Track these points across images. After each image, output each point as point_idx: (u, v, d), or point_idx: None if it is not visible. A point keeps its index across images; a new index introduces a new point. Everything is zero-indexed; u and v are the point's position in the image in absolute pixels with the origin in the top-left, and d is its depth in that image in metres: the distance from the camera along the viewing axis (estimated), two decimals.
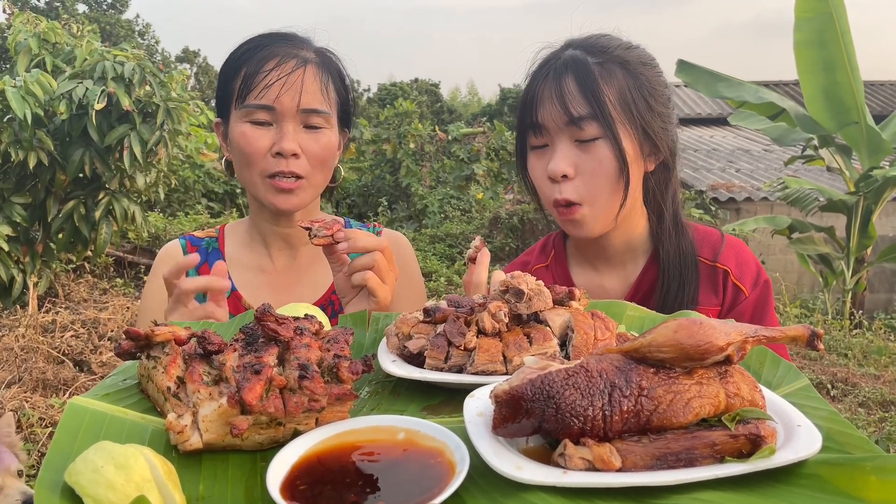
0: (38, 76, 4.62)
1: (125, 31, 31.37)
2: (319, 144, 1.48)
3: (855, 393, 5.48)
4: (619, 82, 1.37)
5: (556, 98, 1.36)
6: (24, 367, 4.80)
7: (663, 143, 1.42)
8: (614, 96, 1.36)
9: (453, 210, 11.15)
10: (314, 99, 1.46)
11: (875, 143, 7.85)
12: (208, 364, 0.86)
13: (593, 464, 0.70)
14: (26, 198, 5.07)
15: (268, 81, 1.42)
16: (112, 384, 0.94)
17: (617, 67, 1.38)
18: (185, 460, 0.79)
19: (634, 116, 1.37)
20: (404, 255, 1.68)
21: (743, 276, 1.45)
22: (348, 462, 0.77)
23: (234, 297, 1.59)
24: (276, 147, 1.44)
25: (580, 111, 1.35)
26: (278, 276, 1.62)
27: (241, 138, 1.45)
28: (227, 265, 1.61)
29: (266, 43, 1.48)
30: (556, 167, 1.37)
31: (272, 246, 1.62)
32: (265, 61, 1.44)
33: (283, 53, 1.45)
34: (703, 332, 0.75)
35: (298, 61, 1.46)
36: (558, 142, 1.39)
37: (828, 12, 7.42)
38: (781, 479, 0.70)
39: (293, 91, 1.43)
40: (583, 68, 1.36)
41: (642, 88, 1.39)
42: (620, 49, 1.41)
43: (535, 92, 1.40)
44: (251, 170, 1.47)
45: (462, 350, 0.95)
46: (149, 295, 1.62)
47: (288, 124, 1.44)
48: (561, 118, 1.36)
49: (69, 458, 0.72)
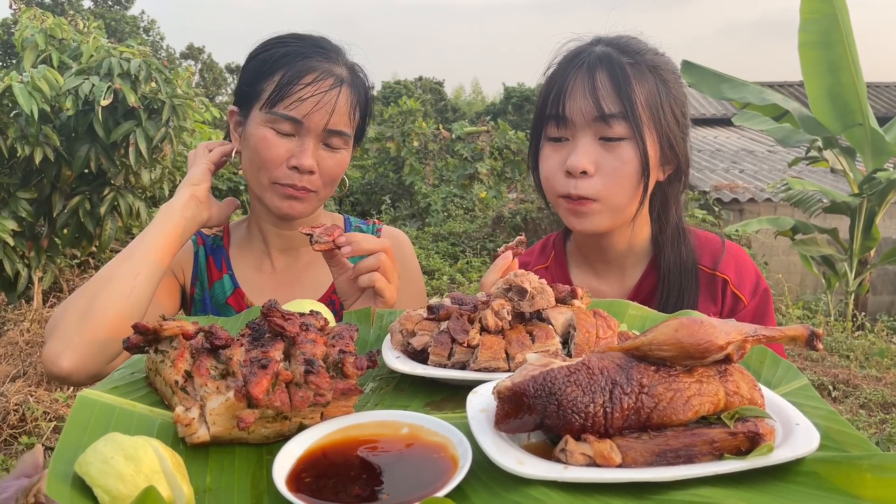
0: (45, 72, 4.64)
1: (130, 28, 31.42)
2: (335, 162, 1.48)
3: (856, 394, 5.48)
4: (649, 86, 1.36)
5: (588, 92, 1.34)
6: (29, 361, 4.82)
7: (682, 152, 1.42)
8: (644, 99, 1.35)
9: (456, 209, 11.16)
10: (341, 121, 1.46)
11: (879, 145, 7.84)
12: (215, 358, 0.87)
13: (594, 459, 0.71)
14: (32, 193, 5.08)
15: (302, 95, 1.41)
16: (120, 377, 0.95)
17: (648, 70, 1.37)
18: (193, 452, 0.80)
19: (661, 123, 1.37)
20: (404, 253, 1.69)
21: (742, 284, 1.45)
22: (353, 456, 0.79)
23: (238, 295, 1.60)
24: (293, 161, 1.43)
25: (612, 108, 1.33)
26: (278, 276, 1.63)
27: (261, 142, 1.44)
28: (231, 262, 1.63)
29: (304, 52, 1.46)
30: (577, 162, 1.35)
31: (272, 246, 1.63)
32: (303, 74, 1.43)
33: (322, 69, 1.44)
34: (703, 331, 0.76)
35: (335, 80, 1.44)
36: (581, 136, 1.37)
37: (832, 14, 7.40)
38: (779, 476, 0.71)
39: (324, 111, 1.42)
40: (617, 66, 1.34)
41: (669, 95, 1.39)
42: (650, 54, 1.40)
43: (565, 82, 1.37)
44: (261, 173, 1.47)
45: (465, 347, 0.96)
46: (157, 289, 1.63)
47: (310, 140, 1.44)
48: (591, 113, 1.34)
49: (79, 449, 0.73)
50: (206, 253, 1.65)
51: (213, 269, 1.63)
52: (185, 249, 1.62)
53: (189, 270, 1.63)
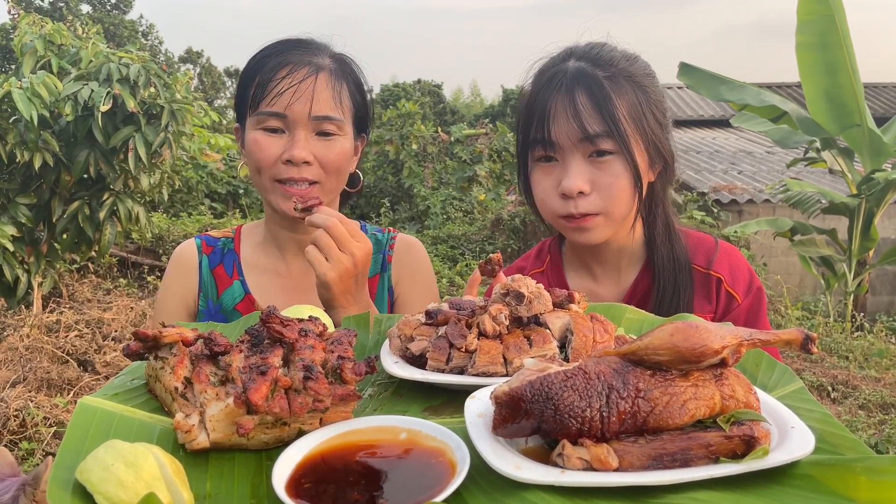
0: (44, 78, 4.65)
1: (129, 32, 31.44)
2: (333, 151, 1.48)
3: (855, 395, 5.48)
4: (629, 97, 1.37)
5: (570, 115, 1.34)
6: (29, 366, 4.82)
7: (668, 152, 1.44)
8: (626, 111, 1.36)
9: (455, 211, 11.17)
10: (325, 106, 1.46)
11: (877, 146, 7.86)
12: (215, 365, 0.88)
13: (591, 464, 0.72)
14: (31, 198, 5.09)
15: (279, 89, 1.43)
16: (120, 384, 0.96)
17: (625, 81, 1.38)
18: (193, 459, 0.81)
19: (646, 130, 1.38)
20: (416, 260, 1.69)
21: (736, 283, 1.47)
22: (352, 461, 0.79)
23: (248, 301, 1.59)
24: (286, 155, 1.44)
25: (596, 128, 1.34)
26: (292, 281, 1.62)
27: (253, 145, 1.46)
28: (242, 267, 1.62)
29: (281, 50, 1.48)
30: (572, 185, 1.36)
31: (287, 250, 1.62)
32: (278, 69, 1.45)
33: (297, 60, 1.46)
34: (698, 336, 0.77)
35: (311, 68, 1.46)
36: (570, 158, 1.37)
37: (830, 15, 7.42)
38: (774, 479, 0.71)
39: (304, 98, 1.43)
40: (595, 83, 1.35)
41: (649, 102, 1.40)
42: (624, 61, 1.41)
43: (546, 107, 1.37)
44: (262, 175, 1.48)
45: (463, 352, 0.97)
46: (164, 295, 1.63)
47: (300, 132, 1.45)
48: (576, 135, 1.35)
49: (80, 456, 0.74)
50: (213, 262, 1.63)
51: (222, 276, 1.62)
52: (188, 265, 1.62)
53: (194, 284, 1.62)
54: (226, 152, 10.74)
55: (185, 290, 1.61)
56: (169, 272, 1.64)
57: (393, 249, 1.67)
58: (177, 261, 1.64)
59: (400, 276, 1.66)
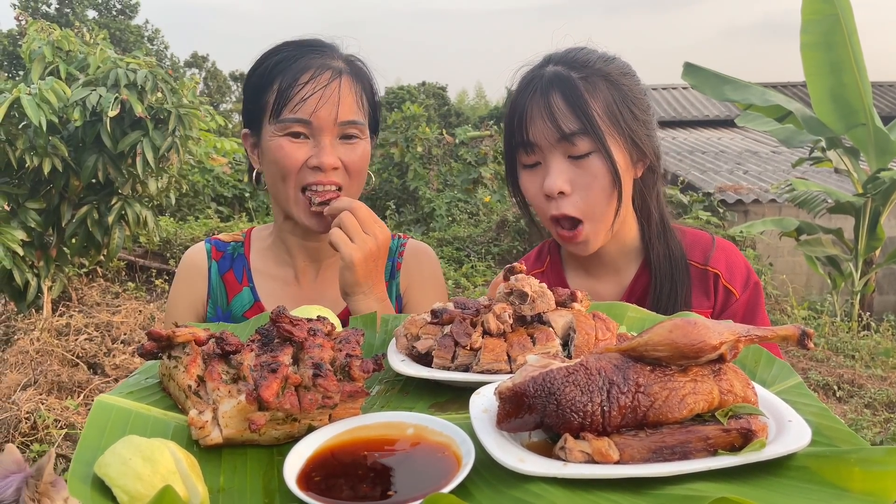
0: (53, 84, 4.70)
1: (135, 37, 31.63)
2: (357, 154, 1.48)
3: (861, 394, 5.47)
4: (604, 95, 1.39)
5: (545, 115, 1.37)
6: (40, 369, 4.86)
7: (649, 149, 1.45)
8: (601, 109, 1.38)
9: (461, 213, 11.18)
10: (350, 110, 1.45)
11: (883, 145, 7.83)
12: (227, 363, 0.90)
13: (592, 457, 0.74)
14: (41, 203, 5.14)
15: (303, 95, 1.41)
16: (135, 383, 0.99)
17: (600, 80, 1.40)
18: (206, 454, 0.83)
19: (622, 127, 1.39)
20: (426, 268, 1.69)
21: (733, 278, 1.48)
22: (360, 455, 0.82)
23: (257, 308, 1.58)
24: (314, 161, 1.43)
25: (571, 127, 1.36)
26: (301, 290, 1.61)
27: (277, 151, 1.44)
28: (252, 274, 1.61)
29: (297, 54, 1.46)
30: (552, 184, 1.38)
31: (297, 258, 1.61)
32: (300, 74, 1.43)
33: (317, 65, 1.44)
34: (697, 332, 0.79)
35: (333, 73, 1.44)
36: (551, 159, 1.40)
37: (834, 14, 7.41)
38: (771, 470, 0.73)
39: (330, 104, 1.42)
40: (568, 84, 1.37)
41: (626, 99, 1.41)
42: (600, 62, 1.43)
43: (524, 110, 1.40)
44: (287, 183, 1.46)
45: (468, 350, 0.99)
46: (174, 301, 1.63)
47: (325, 137, 1.43)
48: (552, 135, 1.37)
49: (98, 451, 0.76)
50: (223, 267, 1.62)
51: (232, 282, 1.61)
52: (197, 271, 1.61)
53: (203, 290, 1.61)
54: (232, 156, 10.82)
55: (195, 296, 1.61)
56: (178, 277, 1.64)
57: (402, 257, 1.67)
58: (186, 266, 1.63)
59: (409, 283, 1.66)
